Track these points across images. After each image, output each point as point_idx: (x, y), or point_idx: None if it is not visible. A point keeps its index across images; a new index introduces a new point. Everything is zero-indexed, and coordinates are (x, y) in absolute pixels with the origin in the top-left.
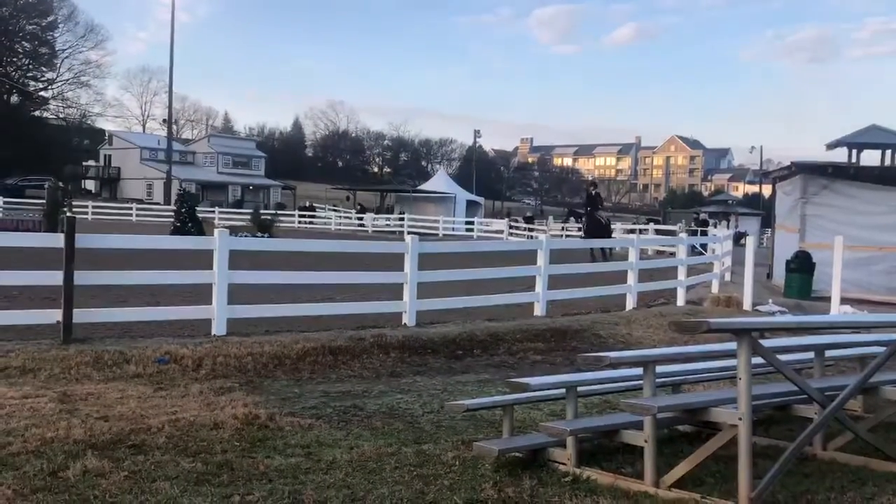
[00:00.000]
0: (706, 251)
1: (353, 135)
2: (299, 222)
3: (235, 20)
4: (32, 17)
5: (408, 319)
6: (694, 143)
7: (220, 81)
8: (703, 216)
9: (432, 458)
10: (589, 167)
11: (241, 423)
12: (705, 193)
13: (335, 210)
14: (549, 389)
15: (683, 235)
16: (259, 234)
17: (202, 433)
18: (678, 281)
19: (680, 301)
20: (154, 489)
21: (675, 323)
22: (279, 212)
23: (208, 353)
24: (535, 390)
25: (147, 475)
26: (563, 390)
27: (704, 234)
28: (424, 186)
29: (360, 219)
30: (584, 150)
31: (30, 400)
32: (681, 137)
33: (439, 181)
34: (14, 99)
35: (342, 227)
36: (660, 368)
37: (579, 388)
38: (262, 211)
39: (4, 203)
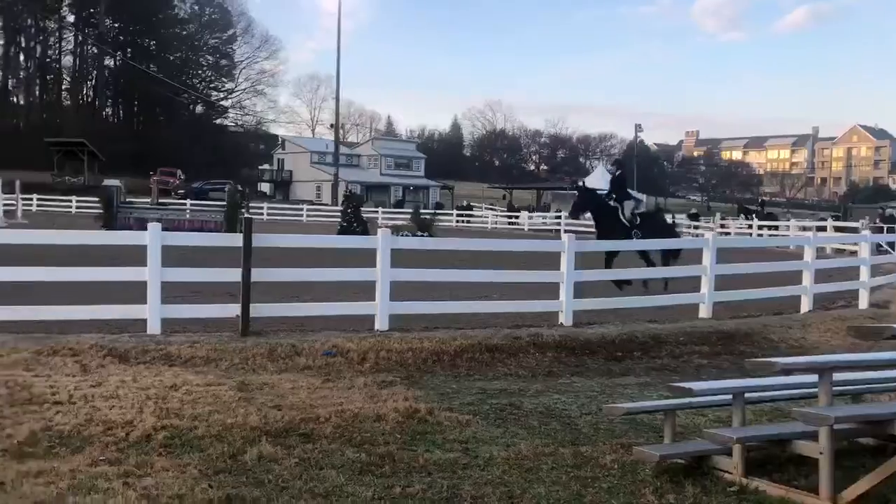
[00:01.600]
0: (894, 250)
1: (510, 133)
2: (457, 221)
3: (396, 24)
4: (215, 32)
5: (564, 319)
6: (879, 133)
7: (383, 86)
8: (889, 212)
9: (590, 460)
10: (760, 160)
11: (402, 417)
12: (893, 187)
13: (491, 209)
14: (714, 395)
15: (867, 233)
16: (419, 233)
17: (366, 425)
18: (860, 282)
19: (862, 304)
20: (322, 476)
21: (856, 328)
22: (438, 211)
23: (372, 347)
24: (698, 395)
25: (315, 463)
26: (730, 396)
27: (892, 231)
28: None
29: (515, 217)
30: (755, 143)
31: (212, 388)
32: (864, 127)
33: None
34: (199, 109)
35: (498, 226)
36: (838, 376)
37: (747, 395)
38: (421, 210)
39: (192, 205)
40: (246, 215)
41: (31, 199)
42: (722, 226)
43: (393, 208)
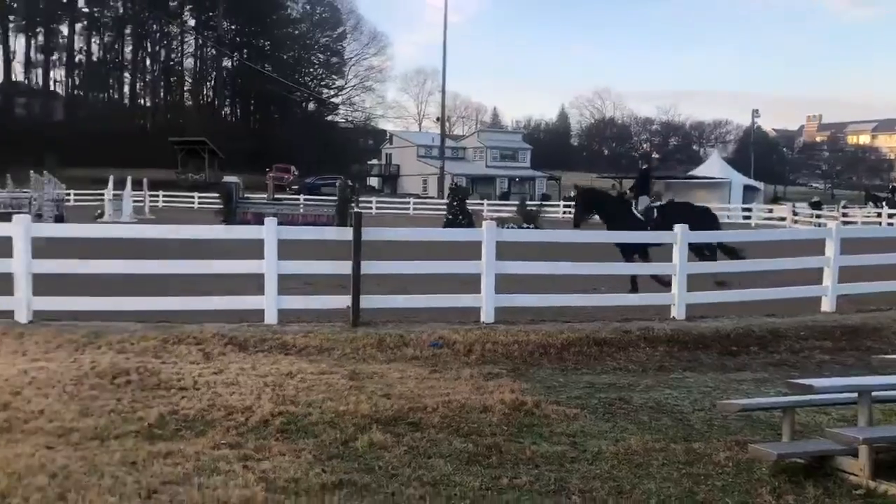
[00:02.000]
0: None
1: (620, 121)
2: (564, 213)
3: (502, 15)
4: (325, 31)
5: (676, 312)
6: None
7: (488, 77)
8: None
9: (703, 456)
10: (891, 144)
11: (509, 409)
12: None
13: None
14: (837, 392)
15: None
16: (525, 225)
17: (472, 415)
18: None
19: None
20: (430, 465)
21: None
22: (544, 203)
23: (478, 339)
24: (820, 393)
25: (423, 451)
26: (855, 394)
27: None
28: (696, 172)
29: None
30: (885, 126)
31: (325, 376)
32: None
33: (712, 166)
34: (311, 106)
35: None
36: None
37: (874, 393)
38: (527, 202)
39: (305, 200)
40: (355, 209)
41: (158, 196)
42: (844, 214)
43: (498, 200)
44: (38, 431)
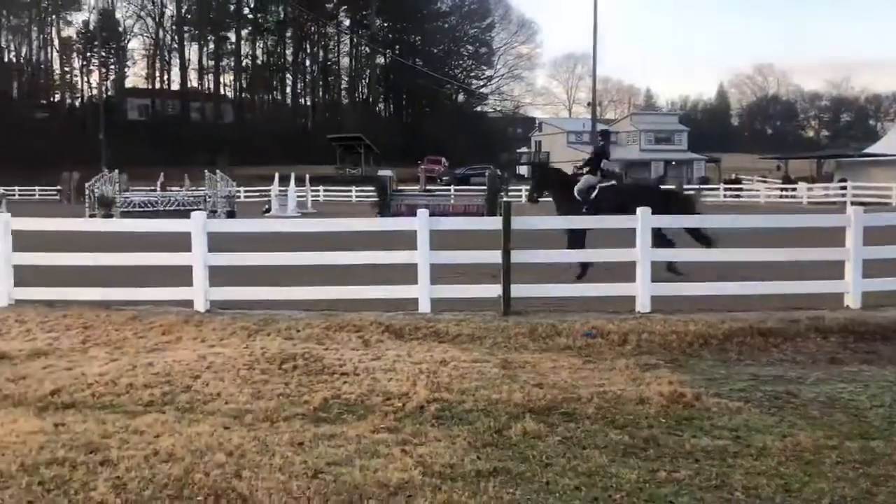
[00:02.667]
0: None
1: (784, 98)
2: (724, 196)
3: None
4: (474, 22)
5: (851, 301)
6: None
7: (641, 58)
8: None
9: (883, 456)
10: None
11: (667, 401)
12: None
13: (763, 181)
14: None
15: None
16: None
17: (628, 407)
18: None
19: None
20: (584, 456)
21: None
22: (703, 186)
23: (633, 329)
24: None
25: (578, 442)
26: None
27: None
28: (872, 149)
29: (792, 189)
30: None
31: (478, 364)
32: None
33: (892, 142)
34: (460, 98)
35: (771, 200)
36: None
37: None
38: (685, 186)
39: (455, 191)
40: (505, 199)
41: (319, 191)
42: None
43: None
44: (216, 412)
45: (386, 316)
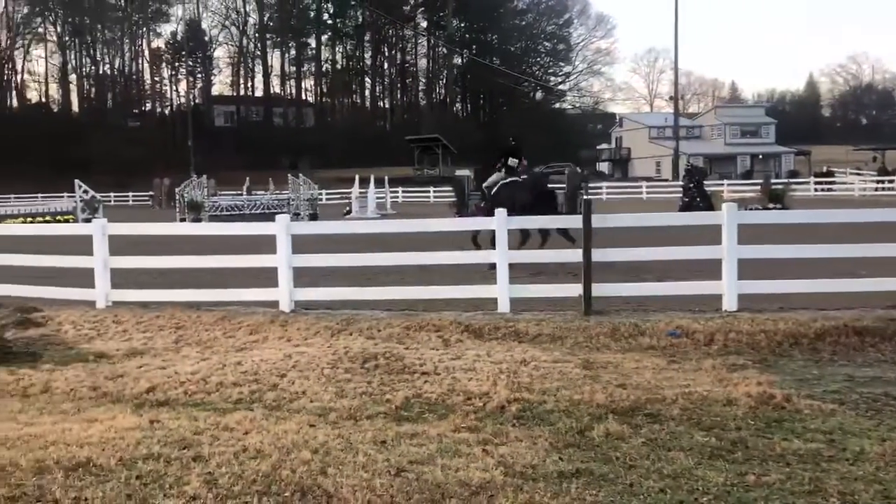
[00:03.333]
0: None
1: (880, 87)
2: (815, 190)
3: None
4: (551, 18)
5: None
6: None
7: (724, 50)
8: None
9: None
10: None
11: (755, 402)
12: None
13: (858, 174)
14: None
15: None
16: (770, 205)
17: (715, 408)
18: None
19: None
20: (669, 458)
21: None
22: (791, 180)
23: (719, 328)
24: None
25: (663, 444)
26: None
27: None
28: None
29: (890, 182)
30: None
31: (559, 364)
32: None
33: None
34: (538, 95)
35: (867, 193)
36: None
37: None
38: (772, 180)
39: None
40: (585, 197)
41: (397, 192)
42: None
43: (739, 180)
44: (301, 410)
45: (465, 316)
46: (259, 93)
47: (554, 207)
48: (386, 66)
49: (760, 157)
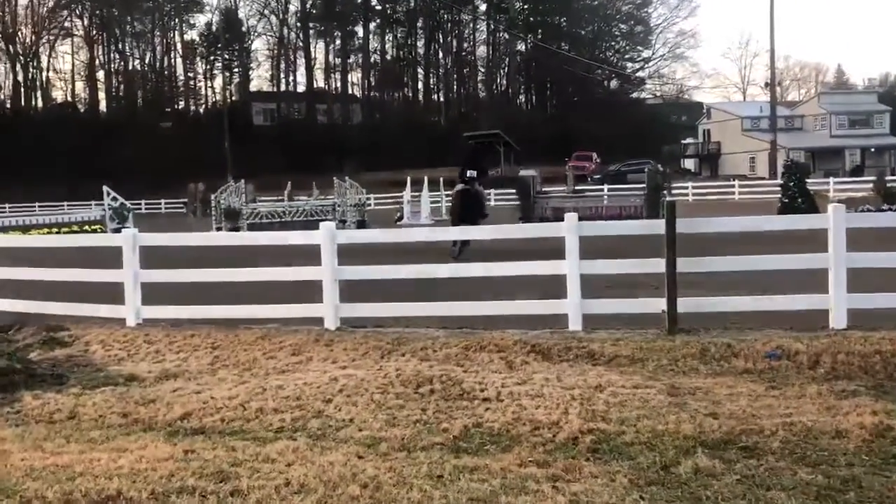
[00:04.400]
0: None
1: None
2: None
3: None
4: None
5: None
6: None
7: (828, 29)
8: None
9: None
10: None
11: (870, 434)
12: None
13: None
14: None
15: None
16: (884, 206)
17: (821, 441)
18: None
19: None
20: (769, 498)
21: None
22: None
23: (826, 349)
24: None
25: (761, 481)
26: None
27: None
28: None
29: None
30: None
31: (639, 390)
32: None
33: None
34: (613, 84)
35: None
36: None
37: None
38: (887, 177)
39: (609, 190)
40: (668, 198)
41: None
42: None
43: (848, 177)
44: (349, 440)
45: (531, 334)
46: (301, 88)
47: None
48: (441, 55)
49: (873, 150)
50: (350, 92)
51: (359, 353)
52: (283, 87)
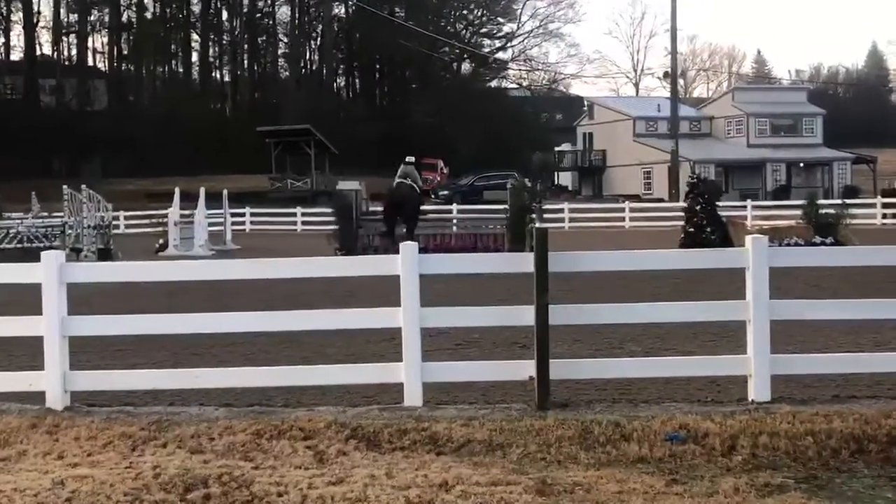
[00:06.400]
0: None
1: None
2: (884, 216)
3: None
4: None
5: None
6: None
7: (744, 9)
8: None
9: None
10: None
11: None
12: None
13: None
14: None
15: None
16: (817, 239)
17: None
18: None
19: None
20: None
21: None
22: (849, 201)
23: (744, 428)
24: None
25: None
26: None
27: None
28: None
29: None
30: None
31: (499, 488)
32: None
33: None
34: (465, 67)
35: None
36: None
37: None
38: (820, 202)
39: (459, 211)
40: (538, 225)
41: (244, 215)
42: None
43: (771, 200)
44: None
45: (351, 413)
46: (17, 56)
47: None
48: (225, 15)
49: (802, 165)
50: (91, 63)
51: (98, 443)
52: None
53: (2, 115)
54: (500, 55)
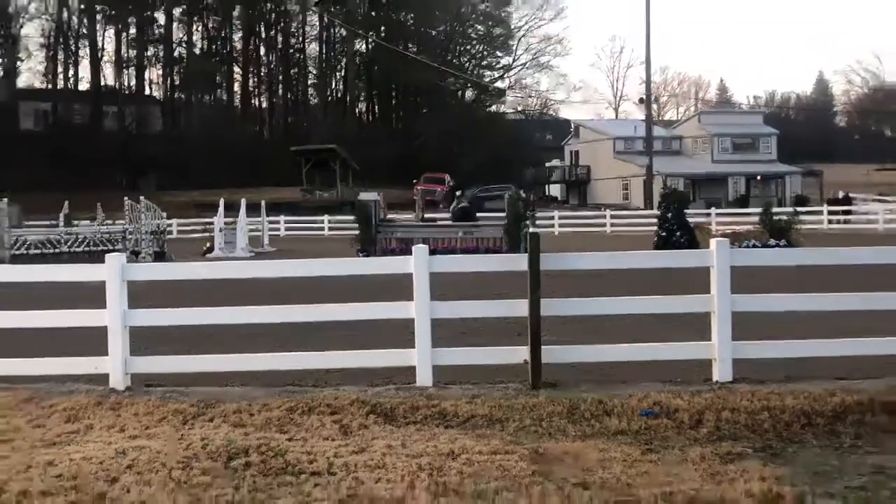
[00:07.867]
0: None
1: None
2: (829, 222)
3: None
4: None
5: None
6: None
7: (710, 42)
8: None
9: None
10: None
11: (759, 503)
12: None
13: (883, 201)
14: None
15: None
16: (771, 241)
17: None
18: None
19: None
20: None
21: None
22: (799, 209)
23: (709, 405)
24: None
25: None
26: None
27: None
28: None
29: None
30: None
31: (499, 457)
32: None
33: None
34: (468, 94)
35: (894, 226)
36: None
37: None
38: (775, 209)
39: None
40: (531, 230)
41: (279, 222)
42: None
43: (732, 208)
44: None
45: (371, 392)
46: (85, 86)
47: None
48: (263, 51)
49: (759, 178)
50: (148, 92)
51: (155, 418)
52: (60, 84)
53: (71, 138)
54: (498, 84)
